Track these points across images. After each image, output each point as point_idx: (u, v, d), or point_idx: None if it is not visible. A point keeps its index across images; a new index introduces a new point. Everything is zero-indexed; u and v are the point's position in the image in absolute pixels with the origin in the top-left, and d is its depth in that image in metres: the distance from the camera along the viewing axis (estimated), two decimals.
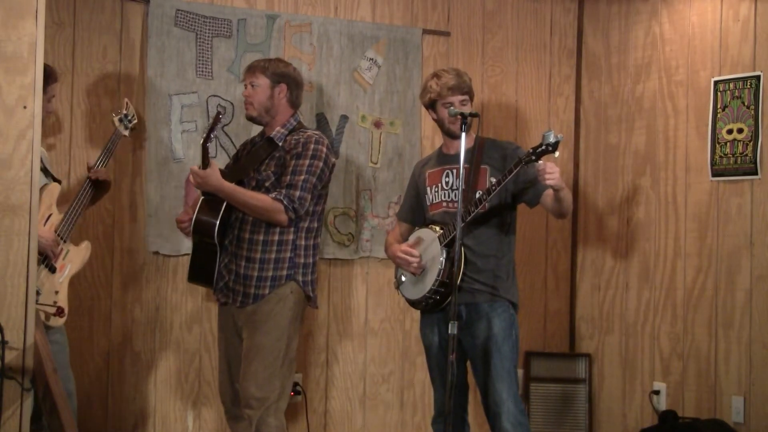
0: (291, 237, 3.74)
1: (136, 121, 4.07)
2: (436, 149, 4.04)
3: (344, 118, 4.69)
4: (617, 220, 4.87)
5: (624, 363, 4.81)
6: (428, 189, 3.90)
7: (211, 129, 3.64)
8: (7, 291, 2.57)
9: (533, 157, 3.47)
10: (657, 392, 4.58)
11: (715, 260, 4.34)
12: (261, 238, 3.70)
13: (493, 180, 3.60)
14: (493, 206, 3.73)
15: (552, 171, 3.49)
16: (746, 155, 4.18)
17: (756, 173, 4.14)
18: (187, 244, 4.39)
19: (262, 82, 3.79)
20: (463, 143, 3.53)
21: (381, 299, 4.79)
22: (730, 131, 4.26)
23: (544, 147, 3.45)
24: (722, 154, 4.29)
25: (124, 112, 4.00)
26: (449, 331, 3.41)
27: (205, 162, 3.64)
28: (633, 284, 4.79)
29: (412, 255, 3.75)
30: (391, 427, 4.80)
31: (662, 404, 4.54)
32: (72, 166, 4.25)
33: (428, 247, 3.75)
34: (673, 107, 4.61)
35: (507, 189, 3.69)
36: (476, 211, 3.61)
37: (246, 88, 3.82)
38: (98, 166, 3.80)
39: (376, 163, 4.74)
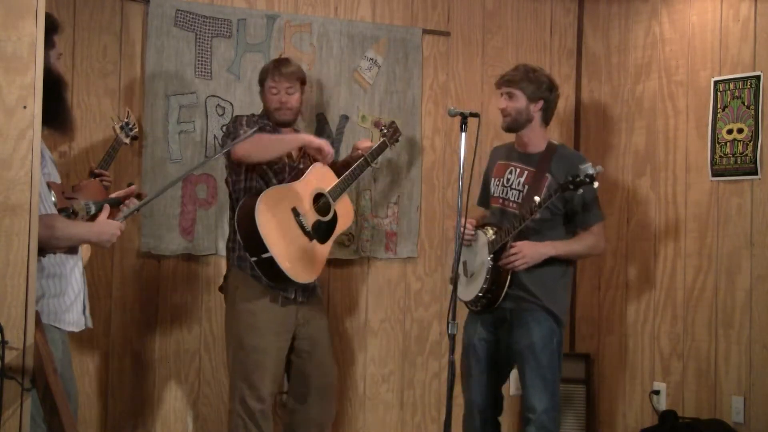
0: None
1: (137, 130, 4.09)
2: (512, 141, 4.05)
3: (344, 118, 4.69)
4: (617, 220, 4.87)
5: (624, 363, 4.81)
6: (493, 180, 3.96)
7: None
8: (7, 291, 2.57)
9: (571, 187, 3.53)
10: (657, 392, 4.58)
11: (715, 260, 4.34)
12: None
13: (537, 199, 3.63)
14: (544, 218, 3.76)
15: (515, 259, 3.65)
16: (746, 155, 4.18)
17: (756, 173, 4.14)
18: (183, 245, 4.39)
19: None
20: (463, 143, 3.57)
21: (381, 299, 4.79)
22: (730, 131, 4.26)
23: (581, 178, 3.50)
24: (722, 154, 4.29)
25: (126, 120, 4.03)
26: (449, 331, 3.48)
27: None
28: (633, 284, 4.79)
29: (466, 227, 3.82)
30: (391, 427, 4.80)
31: (662, 404, 4.54)
32: (72, 166, 4.24)
33: (479, 251, 3.78)
34: (673, 107, 4.61)
35: (558, 207, 3.76)
36: (519, 228, 3.67)
37: None
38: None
39: (376, 164, 4.73)
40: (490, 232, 3.80)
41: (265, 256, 3.74)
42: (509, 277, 3.74)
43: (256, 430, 3.85)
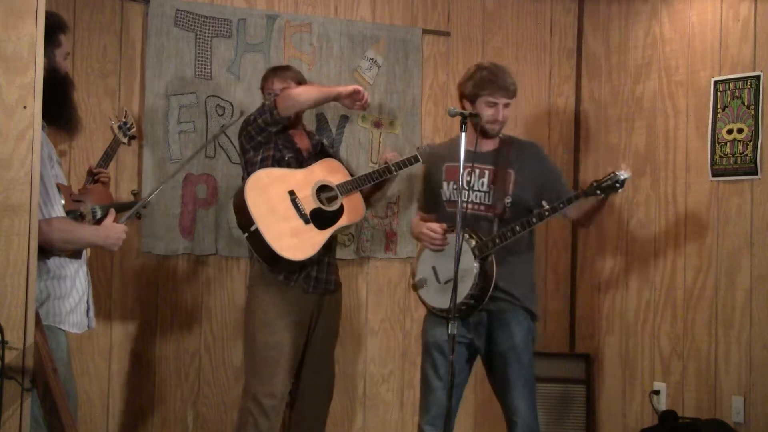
0: None
1: (134, 130, 4.10)
2: (451, 140, 3.97)
3: (344, 118, 4.69)
4: (617, 220, 4.87)
5: (624, 363, 4.81)
6: (445, 184, 3.83)
7: None
8: (7, 291, 2.58)
9: (598, 192, 3.47)
10: (657, 392, 4.58)
11: (715, 260, 4.34)
12: None
13: (545, 204, 3.57)
14: (519, 218, 3.65)
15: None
16: (746, 155, 4.18)
17: (756, 173, 4.14)
18: (183, 245, 4.39)
19: None
20: (463, 143, 3.53)
21: (381, 299, 4.79)
22: (730, 131, 4.26)
23: (610, 183, 3.44)
24: (722, 154, 4.29)
25: (123, 120, 4.04)
26: (449, 331, 3.41)
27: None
28: (633, 284, 4.79)
29: (435, 231, 3.70)
30: (391, 427, 4.80)
31: (662, 404, 4.54)
32: (72, 167, 4.25)
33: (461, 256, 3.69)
34: (673, 107, 4.61)
35: (529, 201, 3.70)
36: (520, 233, 3.59)
37: None
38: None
39: (375, 164, 4.73)
40: (466, 236, 3.63)
41: (252, 229, 3.76)
42: (493, 281, 3.64)
43: (267, 426, 3.84)
